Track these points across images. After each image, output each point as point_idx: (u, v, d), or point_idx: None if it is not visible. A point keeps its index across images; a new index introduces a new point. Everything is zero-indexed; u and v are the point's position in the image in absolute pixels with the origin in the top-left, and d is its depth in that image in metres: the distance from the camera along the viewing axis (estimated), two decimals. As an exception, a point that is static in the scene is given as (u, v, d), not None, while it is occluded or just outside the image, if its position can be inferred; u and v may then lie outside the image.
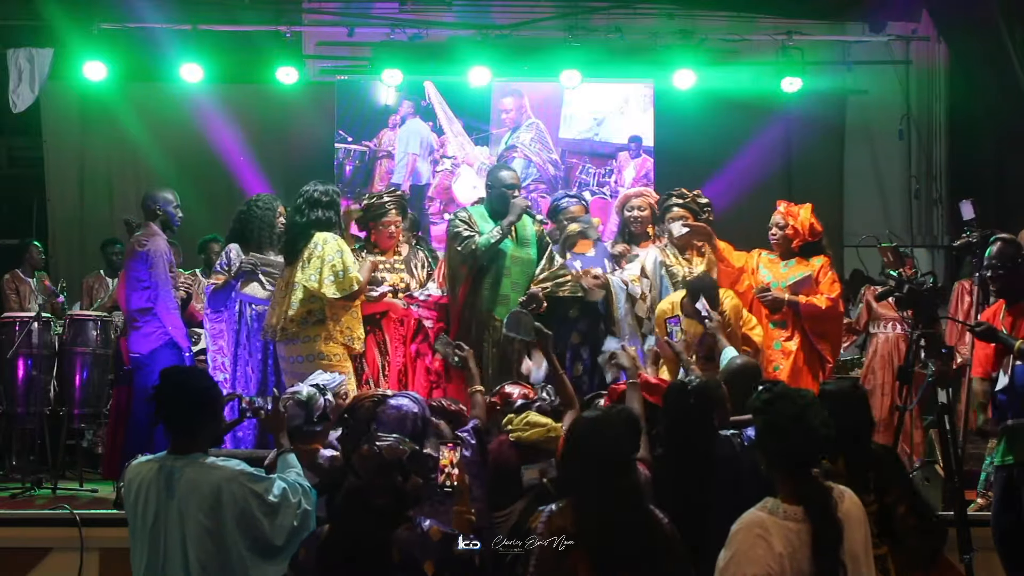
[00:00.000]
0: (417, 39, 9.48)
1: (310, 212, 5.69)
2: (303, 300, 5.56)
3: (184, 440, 3.50)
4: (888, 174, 10.33)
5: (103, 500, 5.79)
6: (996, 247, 4.93)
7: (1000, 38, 8.03)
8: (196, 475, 3.42)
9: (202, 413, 3.52)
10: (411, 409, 4.10)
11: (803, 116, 9.81)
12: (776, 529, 2.78)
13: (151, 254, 6.07)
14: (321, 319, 5.57)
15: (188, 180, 9.55)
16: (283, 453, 3.79)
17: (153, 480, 3.45)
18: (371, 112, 9.73)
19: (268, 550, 3.44)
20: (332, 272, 5.51)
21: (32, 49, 8.98)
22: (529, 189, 9.50)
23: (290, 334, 5.59)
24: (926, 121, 10.23)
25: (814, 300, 5.92)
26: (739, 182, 9.21)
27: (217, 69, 9.30)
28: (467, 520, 3.79)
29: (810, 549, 2.77)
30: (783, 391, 2.99)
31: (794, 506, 2.83)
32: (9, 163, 10.93)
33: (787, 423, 2.89)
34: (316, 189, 5.78)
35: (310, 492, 3.63)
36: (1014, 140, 8.54)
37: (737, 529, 2.84)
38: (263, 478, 3.51)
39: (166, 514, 3.41)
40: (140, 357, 6.07)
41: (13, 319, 6.77)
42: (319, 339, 5.55)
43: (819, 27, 9.78)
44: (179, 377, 3.62)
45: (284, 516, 3.47)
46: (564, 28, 9.44)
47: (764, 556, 2.75)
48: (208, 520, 3.38)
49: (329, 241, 5.61)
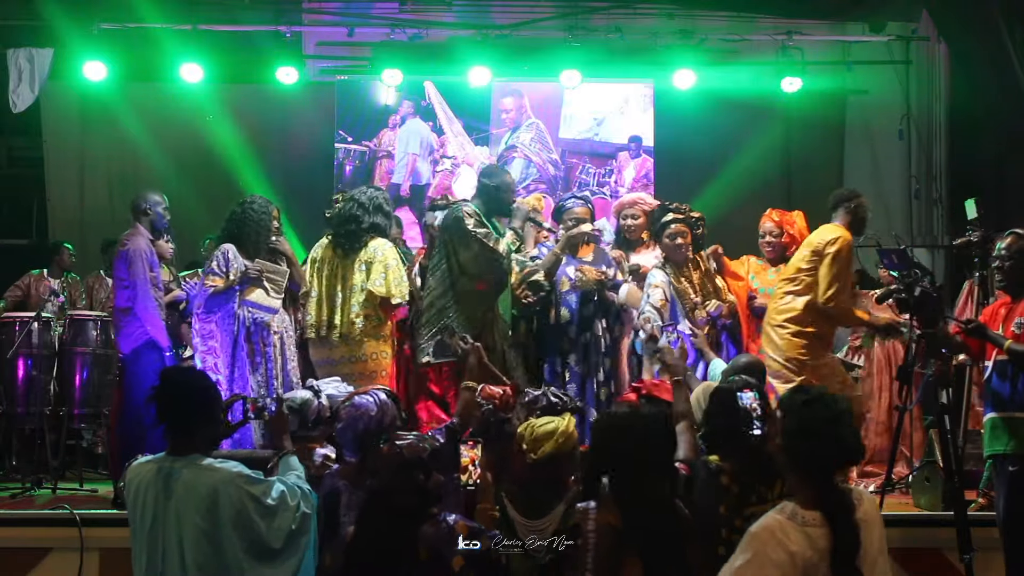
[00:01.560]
0: (417, 39, 9.48)
1: (375, 215, 5.90)
2: (364, 303, 5.77)
3: (182, 441, 3.48)
4: (888, 174, 10.32)
5: (103, 500, 5.78)
6: (1008, 240, 4.90)
7: (1000, 38, 8.02)
8: (193, 477, 3.41)
9: (200, 414, 3.51)
10: (368, 410, 4.02)
11: (803, 116, 9.82)
12: (794, 534, 2.75)
13: (130, 253, 6.12)
14: (379, 321, 5.81)
15: (188, 180, 9.59)
16: (285, 455, 3.78)
17: (152, 481, 3.44)
18: (371, 112, 9.74)
19: (265, 553, 3.43)
20: (395, 278, 5.75)
21: (32, 49, 8.99)
22: (529, 189, 9.51)
23: (346, 335, 5.75)
24: (926, 121, 10.22)
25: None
26: (739, 182, 9.22)
27: (217, 69, 9.30)
28: (491, 517, 3.77)
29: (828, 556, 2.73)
30: (820, 394, 2.92)
31: (812, 511, 2.79)
32: (9, 163, 10.93)
33: (820, 427, 2.82)
34: (381, 194, 6.06)
35: (310, 495, 3.61)
36: (1014, 140, 8.53)
37: (755, 532, 2.80)
38: (261, 481, 3.49)
39: (164, 515, 3.40)
40: (124, 357, 6.14)
41: (13, 319, 6.77)
42: (378, 339, 5.79)
43: (819, 27, 9.78)
44: (177, 378, 3.61)
45: (282, 519, 3.45)
46: (564, 28, 9.44)
47: (783, 561, 2.71)
48: (205, 522, 3.37)
49: (388, 248, 5.84)
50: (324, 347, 5.78)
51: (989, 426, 4.82)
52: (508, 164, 9.68)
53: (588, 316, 6.04)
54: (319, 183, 9.32)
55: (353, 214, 5.87)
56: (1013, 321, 4.76)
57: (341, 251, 5.87)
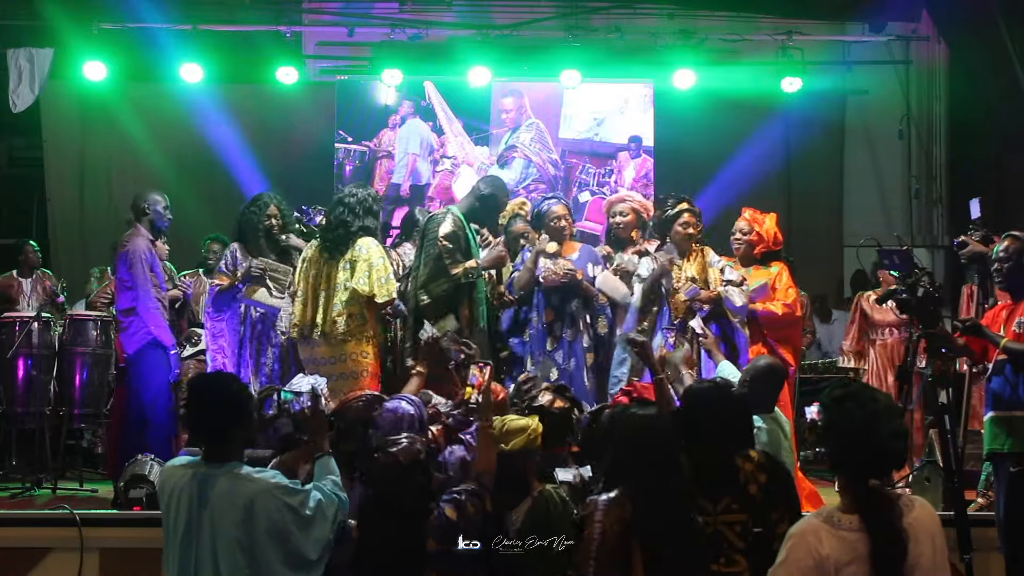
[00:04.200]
0: (417, 39, 9.49)
1: (364, 218, 5.78)
2: (347, 302, 5.65)
3: (216, 448, 3.42)
4: (888, 174, 10.34)
5: (103, 500, 5.78)
6: (1005, 242, 4.93)
7: (1000, 38, 8.03)
8: (230, 486, 3.35)
9: (233, 421, 3.44)
10: (407, 411, 4.06)
11: (803, 116, 9.82)
12: (829, 538, 2.62)
13: (130, 254, 6.18)
14: (363, 321, 5.67)
15: (188, 180, 9.61)
16: (322, 457, 3.67)
17: (186, 487, 3.38)
18: (371, 112, 9.73)
19: (302, 564, 3.38)
20: (379, 276, 5.63)
21: (32, 49, 8.99)
22: (529, 189, 9.51)
23: (327, 334, 5.64)
24: (926, 121, 10.24)
25: (770, 307, 6.00)
26: (739, 182, 9.20)
27: (217, 69, 9.30)
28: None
29: (863, 556, 2.59)
30: (857, 390, 2.73)
31: (850, 515, 2.64)
32: (9, 163, 10.94)
33: (853, 426, 2.65)
34: (371, 195, 5.91)
35: (345, 503, 3.54)
36: (1014, 140, 8.53)
37: (791, 535, 2.69)
38: (298, 491, 3.43)
39: (198, 524, 3.34)
40: (128, 357, 6.20)
41: (13, 319, 6.76)
42: (361, 339, 5.65)
43: (819, 27, 9.79)
44: (208, 386, 3.55)
45: (319, 529, 3.40)
46: (564, 28, 9.45)
47: (809, 566, 2.60)
48: (240, 532, 3.31)
49: (373, 247, 5.71)
50: (308, 346, 5.70)
51: (989, 425, 4.85)
52: (508, 164, 9.69)
53: (568, 312, 6.01)
54: (319, 183, 9.31)
55: (343, 219, 5.77)
56: (1014, 321, 4.79)
57: (327, 253, 5.85)
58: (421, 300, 5.75)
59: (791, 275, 6.24)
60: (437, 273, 5.74)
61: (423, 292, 5.76)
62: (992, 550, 4.88)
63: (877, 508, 2.64)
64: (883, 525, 2.61)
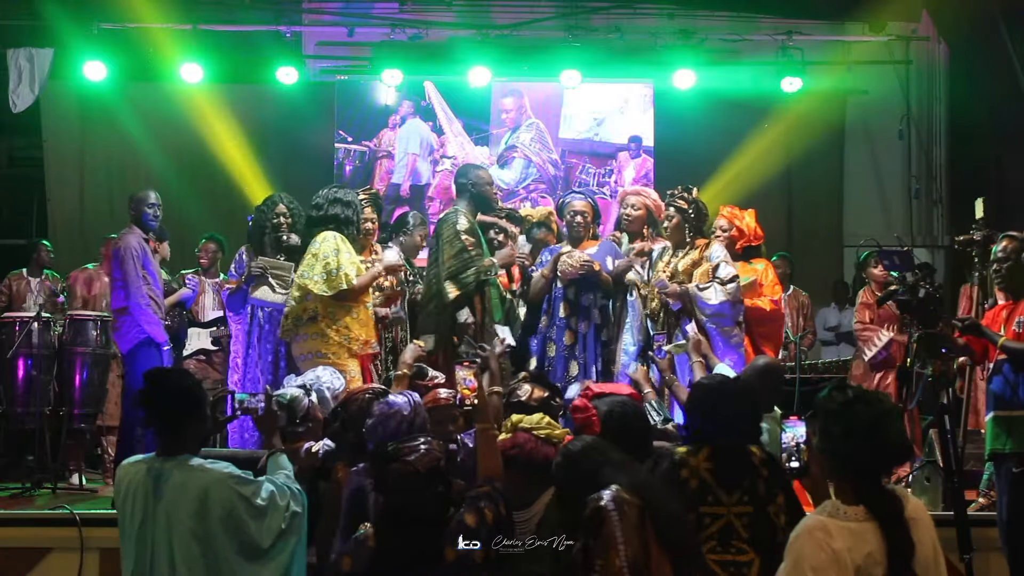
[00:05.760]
0: (417, 39, 9.50)
1: (328, 209, 5.72)
2: (299, 298, 5.59)
3: (171, 441, 3.46)
4: (888, 174, 10.34)
5: (103, 500, 5.78)
6: (1003, 243, 4.94)
7: (1000, 38, 8.04)
8: (183, 477, 3.39)
9: (186, 413, 3.48)
10: (401, 409, 3.99)
11: (803, 116, 9.82)
12: (837, 531, 2.63)
13: (121, 252, 6.21)
14: (314, 317, 5.54)
15: (188, 180, 9.61)
16: (274, 454, 3.76)
17: (141, 482, 3.42)
18: (371, 112, 9.74)
19: (255, 553, 3.42)
20: (324, 269, 5.49)
21: (32, 49, 9.00)
22: (529, 189, 9.51)
23: (287, 330, 5.62)
24: (926, 121, 10.24)
25: (758, 302, 6.02)
26: (739, 182, 9.22)
27: (217, 69, 9.31)
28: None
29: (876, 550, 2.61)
30: (860, 393, 2.75)
31: (854, 506, 2.66)
32: (9, 163, 10.93)
33: (865, 426, 2.66)
34: (332, 189, 5.87)
35: (300, 495, 3.59)
36: (1014, 140, 8.54)
37: (796, 535, 2.68)
38: (251, 481, 3.47)
39: (153, 516, 3.38)
40: (123, 356, 6.24)
41: (13, 319, 6.76)
42: (316, 337, 5.54)
43: (819, 27, 9.80)
44: (161, 379, 3.59)
45: (272, 519, 3.44)
46: (564, 28, 9.46)
47: (824, 563, 2.59)
48: (194, 523, 3.35)
49: (328, 239, 5.59)
50: (294, 347, 5.70)
51: (990, 425, 4.86)
52: (508, 164, 9.69)
53: (584, 305, 6.00)
54: (319, 183, 9.14)
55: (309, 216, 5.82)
56: (1014, 321, 4.81)
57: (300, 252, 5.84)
58: (448, 293, 5.67)
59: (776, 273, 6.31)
60: (464, 266, 5.70)
61: (452, 283, 5.68)
62: (992, 550, 4.89)
63: (888, 503, 2.68)
64: (895, 519, 2.66)
